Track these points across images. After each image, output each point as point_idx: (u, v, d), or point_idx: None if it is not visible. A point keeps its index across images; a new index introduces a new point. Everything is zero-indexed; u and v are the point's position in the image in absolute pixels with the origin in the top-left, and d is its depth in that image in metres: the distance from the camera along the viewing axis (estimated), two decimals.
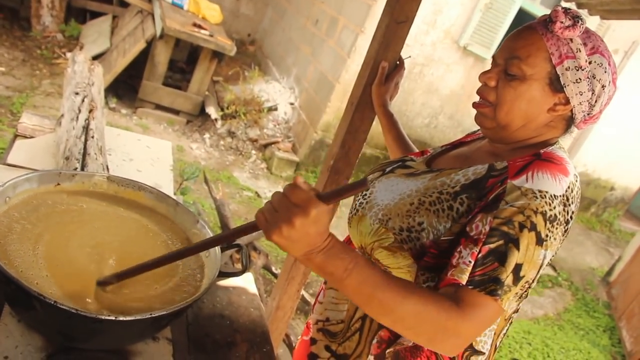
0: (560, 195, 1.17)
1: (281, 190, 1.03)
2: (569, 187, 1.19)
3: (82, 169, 2.19)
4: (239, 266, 3.70)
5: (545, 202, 1.15)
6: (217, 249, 1.45)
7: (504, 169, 1.24)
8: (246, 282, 1.79)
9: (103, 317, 1.14)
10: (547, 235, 1.14)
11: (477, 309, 1.11)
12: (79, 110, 2.67)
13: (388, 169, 1.51)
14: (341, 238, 1.16)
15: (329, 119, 6.05)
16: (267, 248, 4.22)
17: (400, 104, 6.43)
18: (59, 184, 1.53)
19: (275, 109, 6.60)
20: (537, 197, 1.15)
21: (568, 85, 1.24)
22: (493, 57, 1.34)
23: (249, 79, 6.92)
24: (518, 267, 1.13)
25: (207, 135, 6.17)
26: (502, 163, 1.27)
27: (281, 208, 0.99)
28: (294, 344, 3.33)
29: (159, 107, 6.14)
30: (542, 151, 1.27)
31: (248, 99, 6.43)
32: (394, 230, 1.29)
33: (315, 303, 1.63)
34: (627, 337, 5.33)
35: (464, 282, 1.13)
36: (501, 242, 1.13)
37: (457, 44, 6.30)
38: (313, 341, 1.56)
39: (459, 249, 1.18)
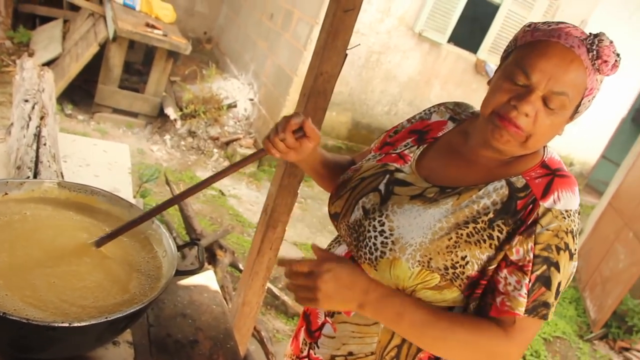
0: (578, 208, 1.28)
1: (240, 179, 1.05)
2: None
3: (35, 177, 2.15)
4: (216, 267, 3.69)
5: (571, 220, 1.24)
6: (174, 248, 1.44)
7: (526, 187, 1.27)
8: (207, 279, 1.78)
9: (56, 325, 1.12)
10: (575, 249, 1.25)
11: (526, 331, 1.24)
12: (29, 118, 2.61)
13: (384, 189, 1.39)
14: (306, 230, 1.17)
15: (289, 112, 6.03)
16: (232, 245, 4.21)
17: (359, 93, 6.46)
18: (6, 194, 1.50)
19: (235, 106, 6.57)
20: (565, 218, 1.23)
21: (580, 112, 1.29)
22: (525, 73, 1.23)
23: (207, 77, 6.86)
24: (559, 285, 1.23)
25: (167, 137, 6.11)
26: (518, 179, 1.29)
27: (313, 282, 1.19)
28: (265, 340, 3.33)
29: (116, 110, 6.05)
30: (546, 159, 1.33)
31: (207, 97, 6.38)
32: (439, 270, 1.25)
33: (310, 335, 1.52)
34: (591, 306, 5.46)
35: (522, 314, 1.21)
36: (544, 267, 1.22)
37: (412, 30, 6.34)
38: None
39: (503, 274, 1.24)
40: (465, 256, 1.25)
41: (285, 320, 3.82)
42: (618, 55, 1.23)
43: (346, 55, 1.99)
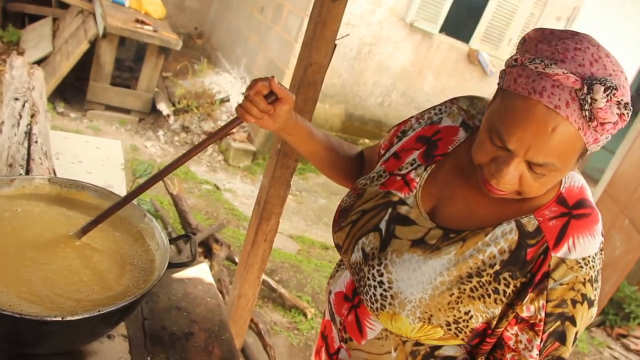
0: (599, 249, 1.14)
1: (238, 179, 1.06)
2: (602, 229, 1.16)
3: (27, 175, 2.15)
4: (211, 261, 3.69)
5: (590, 268, 1.11)
6: (166, 241, 1.44)
7: (537, 233, 1.13)
8: (201, 272, 1.78)
9: (50, 319, 1.12)
10: (595, 296, 1.14)
11: None
12: (20, 116, 2.61)
13: (385, 229, 1.29)
14: (301, 223, 1.17)
15: None
16: (228, 239, 4.21)
17: (352, 85, 6.45)
18: None
19: (228, 100, 6.55)
20: (582, 267, 1.10)
21: (593, 150, 1.09)
22: (500, 138, 1.06)
23: (199, 72, 6.85)
24: (576, 335, 1.14)
25: (160, 132, 6.10)
26: (530, 220, 1.15)
27: None
28: (263, 332, 3.33)
29: (109, 107, 6.03)
30: (563, 191, 1.17)
31: (199, 92, 6.36)
32: (441, 326, 1.17)
33: (330, 358, 1.48)
34: None
35: None
36: (558, 323, 1.12)
37: (404, 21, 6.33)
38: None
39: (513, 331, 1.15)
40: (469, 311, 1.16)
41: (283, 313, 3.83)
42: (625, 106, 1.00)
43: (335, 45, 1.98)
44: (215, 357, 1.47)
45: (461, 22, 7.00)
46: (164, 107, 6.13)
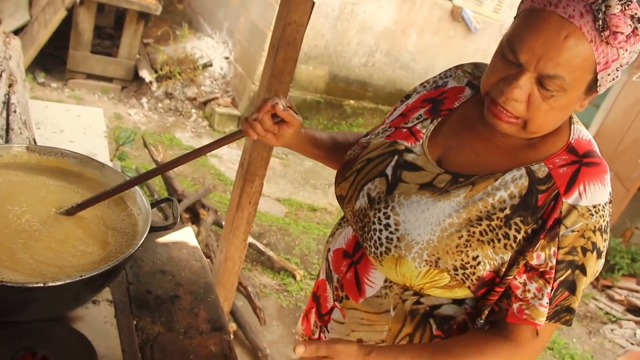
0: (609, 199, 1.15)
1: None
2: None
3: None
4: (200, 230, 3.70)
5: (600, 216, 1.12)
6: (147, 205, 1.44)
7: (548, 179, 1.14)
8: (186, 236, 1.79)
9: (32, 285, 1.12)
10: (604, 247, 1.14)
11: (543, 337, 1.17)
12: None
13: (391, 174, 1.27)
14: (288, 186, 1.17)
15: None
16: (215, 204, 4.21)
17: (335, 45, 6.39)
18: None
19: (211, 65, 6.48)
20: (593, 215, 1.11)
21: (603, 85, 1.10)
22: (512, 50, 1.07)
23: (180, 38, 6.75)
24: (584, 286, 1.15)
25: (144, 100, 6.04)
26: (540, 167, 1.15)
27: None
28: (252, 295, 3.36)
29: (90, 76, 5.95)
30: (572, 141, 1.17)
31: (181, 58, 6.28)
32: (448, 270, 1.15)
33: (320, 318, 1.47)
34: None
35: (542, 324, 1.14)
36: (569, 271, 1.12)
37: None
38: None
39: (522, 279, 1.14)
40: (477, 256, 1.14)
41: (272, 275, 3.86)
42: (639, 20, 1.01)
43: (313, 3, 1.96)
44: (201, 318, 1.49)
45: None
46: (146, 74, 6.06)
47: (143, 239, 1.32)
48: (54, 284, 1.13)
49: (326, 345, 1.08)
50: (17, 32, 5.69)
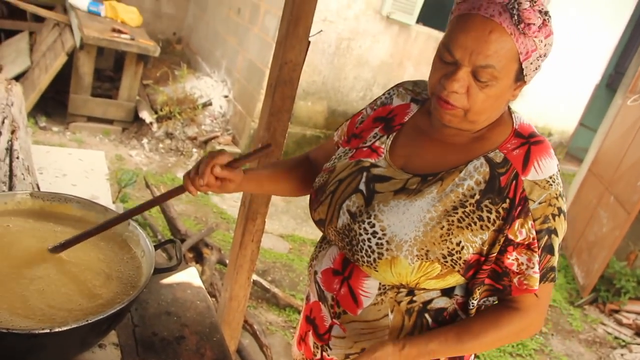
0: (558, 168, 1.31)
1: None
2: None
3: (10, 191, 2.14)
4: (200, 266, 3.70)
5: (557, 184, 1.29)
6: (151, 247, 1.46)
7: (505, 162, 1.29)
8: (190, 276, 1.79)
9: (37, 332, 1.13)
10: (565, 207, 1.31)
11: (542, 298, 1.35)
12: (0, 133, 2.60)
13: (365, 189, 1.38)
14: (291, 222, 1.19)
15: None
16: (219, 243, 4.21)
17: (332, 81, 6.46)
18: None
19: (210, 104, 6.55)
20: (552, 184, 1.28)
21: (528, 74, 1.27)
22: (448, 50, 1.24)
23: (179, 78, 6.83)
24: (558, 246, 1.32)
25: (145, 141, 6.08)
26: (496, 154, 1.31)
27: None
28: (258, 333, 3.34)
29: (91, 119, 6.01)
30: (517, 127, 1.35)
31: (181, 97, 6.35)
32: (438, 260, 1.28)
33: (320, 338, 1.53)
34: (579, 272, 5.53)
35: (538, 288, 1.30)
36: (546, 237, 1.28)
37: (380, 14, 6.35)
38: None
39: (513, 256, 1.29)
40: (460, 241, 1.28)
41: (278, 312, 3.84)
42: (546, 13, 1.22)
43: (309, 42, 2.00)
44: (208, 358, 1.49)
45: (437, 12, 7.01)
46: (146, 115, 6.12)
47: (147, 281, 1.34)
48: (60, 330, 1.14)
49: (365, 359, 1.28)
50: (17, 77, 5.77)
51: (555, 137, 8.79)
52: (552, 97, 8.02)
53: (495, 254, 1.28)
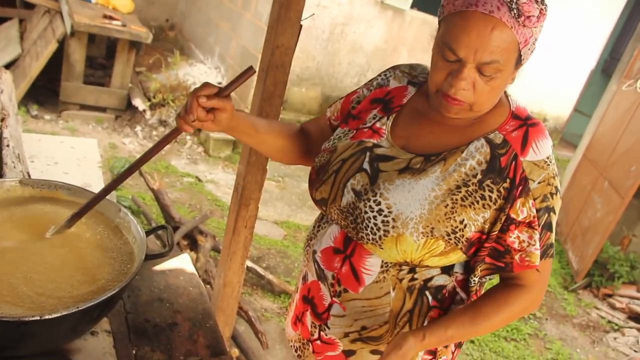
0: (552, 148, 1.35)
1: None
2: None
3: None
4: (194, 254, 3.69)
5: (553, 164, 1.33)
6: (142, 233, 1.44)
7: (505, 143, 1.33)
8: (183, 263, 1.78)
9: (27, 319, 1.12)
10: (559, 185, 1.35)
11: (543, 272, 1.39)
12: None
13: (369, 168, 1.40)
14: (286, 208, 1.18)
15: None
16: (213, 230, 4.20)
17: (326, 67, 6.43)
18: None
19: None
20: (549, 164, 1.32)
21: (526, 58, 1.30)
22: (451, 49, 1.24)
23: (172, 65, 6.79)
24: (555, 223, 1.37)
25: (138, 128, 6.05)
26: (495, 135, 1.34)
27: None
28: (253, 319, 3.34)
29: (84, 107, 5.96)
30: (514, 110, 1.38)
31: (174, 85, 6.31)
32: (442, 237, 1.31)
33: (318, 318, 1.55)
34: (573, 257, 5.55)
35: (539, 264, 1.35)
36: (546, 215, 1.33)
37: None
38: (350, 353, 1.53)
39: (514, 234, 1.33)
40: (463, 219, 1.30)
41: (273, 299, 3.84)
42: (542, 2, 1.23)
43: (301, 26, 1.97)
44: (200, 345, 1.48)
45: None
46: (139, 103, 6.08)
47: (139, 267, 1.32)
48: (50, 317, 1.13)
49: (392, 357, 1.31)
50: (8, 65, 5.72)
51: (550, 123, 8.79)
52: (547, 82, 8.02)
53: (496, 232, 1.32)
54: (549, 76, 7.91)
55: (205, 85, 1.32)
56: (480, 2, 1.20)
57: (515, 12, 1.19)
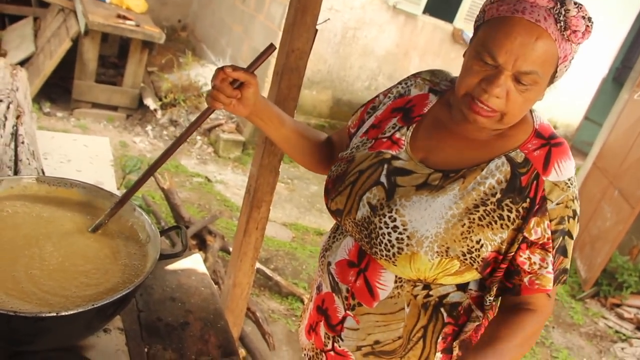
0: (575, 170, 1.31)
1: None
2: None
3: (16, 175, 2.15)
4: (201, 253, 3.70)
5: (574, 186, 1.29)
6: (157, 234, 1.45)
7: (526, 162, 1.28)
8: (194, 262, 1.80)
9: (44, 315, 1.13)
10: (579, 210, 1.31)
11: (553, 298, 1.34)
12: (5, 118, 2.60)
13: (387, 182, 1.37)
14: (295, 210, 1.18)
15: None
16: (222, 230, 4.22)
17: (338, 70, 6.45)
18: None
19: None
20: (570, 187, 1.27)
21: (560, 76, 1.28)
22: (490, 54, 1.20)
23: (184, 65, 6.83)
24: (571, 248, 1.32)
25: (149, 127, 6.09)
26: (517, 153, 1.30)
27: None
28: (261, 320, 3.36)
29: (95, 105, 6.01)
30: (537, 127, 1.33)
31: (185, 85, 6.35)
32: (457, 257, 1.27)
33: (332, 329, 1.52)
34: (581, 266, 5.53)
35: (552, 289, 1.30)
36: (561, 238, 1.28)
37: (387, 3, 6.33)
38: None
39: (525, 255, 1.28)
40: (480, 239, 1.27)
41: (280, 300, 3.85)
42: (589, 19, 1.20)
43: (316, 31, 1.99)
44: (212, 345, 1.49)
45: (444, 2, 7.00)
46: (151, 102, 6.11)
47: (153, 266, 1.34)
48: (66, 313, 1.14)
49: None
50: (22, 63, 5.76)
51: (560, 130, 8.77)
52: (558, 90, 7.98)
53: (512, 253, 1.28)
54: (560, 83, 7.88)
55: (226, 65, 1.37)
56: (527, 10, 1.17)
57: (562, 24, 1.17)
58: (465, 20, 6.92)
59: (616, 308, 5.16)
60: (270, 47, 1.36)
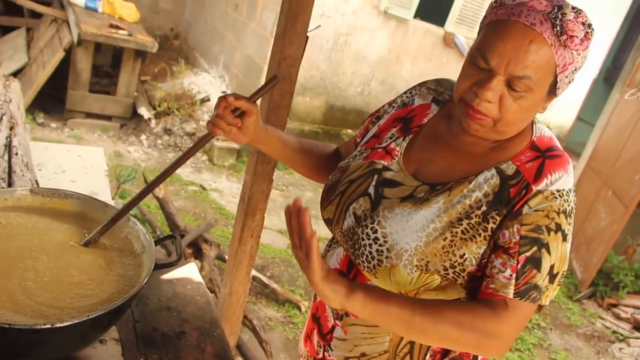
0: (573, 186, 1.24)
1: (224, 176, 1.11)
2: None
3: (9, 187, 2.14)
4: (198, 262, 3.70)
5: (564, 200, 1.20)
6: (151, 243, 1.45)
7: (516, 174, 1.23)
8: (190, 272, 1.80)
9: (39, 327, 1.13)
10: (568, 230, 1.21)
11: (518, 312, 1.19)
12: None
13: (374, 193, 1.35)
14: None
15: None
16: (218, 238, 4.22)
17: (330, 76, 6.46)
18: None
19: (208, 100, 6.54)
20: (557, 198, 1.19)
21: (561, 87, 1.23)
22: (483, 57, 1.18)
23: (177, 74, 6.83)
24: (552, 268, 1.19)
25: (143, 137, 6.08)
26: (508, 165, 1.25)
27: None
28: (258, 328, 3.35)
29: (89, 115, 6.01)
30: (535, 139, 1.28)
31: (179, 93, 6.35)
32: (438, 272, 1.23)
33: (323, 338, 1.51)
34: (577, 267, 5.55)
35: (511, 296, 1.18)
36: (535, 249, 1.18)
37: (378, 8, 6.35)
38: None
39: (490, 259, 1.21)
40: (464, 254, 1.22)
41: (277, 308, 3.85)
42: (589, 26, 1.17)
43: (307, 37, 2.00)
44: (208, 354, 1.49)
45: (435, 6, 7.02)
46: (144, 111, 6.11)
47: (148, 276, 1.34)
48: (61, 325, 1.14)
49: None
50: (15, 74, 5.76)
51: (554, 131, 8.69)
52: None
53: (485, 259, 1.23)
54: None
55: (232, 93, 1.38)
56: (523, 13, 1.15)
57: (559, 29, 1.14)
58: (456, 24, 6.95)
59: (613, 308, 5.17)
60: (274, 79, 1.39)
